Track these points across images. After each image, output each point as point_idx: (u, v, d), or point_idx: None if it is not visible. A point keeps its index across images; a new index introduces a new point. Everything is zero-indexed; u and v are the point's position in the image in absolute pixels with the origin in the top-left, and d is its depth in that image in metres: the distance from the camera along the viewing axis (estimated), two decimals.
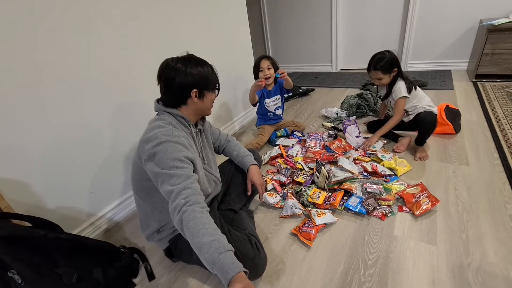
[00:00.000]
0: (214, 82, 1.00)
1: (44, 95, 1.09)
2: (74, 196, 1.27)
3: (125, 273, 1.08)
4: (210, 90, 0.99)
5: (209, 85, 0.98)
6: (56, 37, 1.09)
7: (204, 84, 0.96)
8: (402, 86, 1.55)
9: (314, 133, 1.99)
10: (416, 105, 1.58)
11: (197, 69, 0.94)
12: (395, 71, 1.54)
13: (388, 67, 1.53)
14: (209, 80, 0.98)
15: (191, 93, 0.94)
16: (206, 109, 1.03)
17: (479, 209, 1.18)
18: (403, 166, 1.48)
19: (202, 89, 0.96)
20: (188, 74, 0.92)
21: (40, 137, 1.10)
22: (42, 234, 0.84)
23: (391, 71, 1.55)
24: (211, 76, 0.98)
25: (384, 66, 1.52)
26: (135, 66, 1.42)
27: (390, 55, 1.53)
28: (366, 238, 1.12)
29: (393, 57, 1.53)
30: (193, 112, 1.01)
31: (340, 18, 3.45)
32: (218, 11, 1.96)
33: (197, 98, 0.96)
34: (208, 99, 1.00)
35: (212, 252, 0.76)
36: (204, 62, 0.98)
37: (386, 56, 1.53)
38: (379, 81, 1.60)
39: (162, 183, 0.87)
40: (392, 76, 1.57)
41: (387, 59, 1.52)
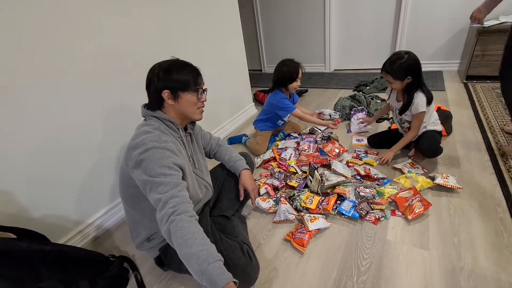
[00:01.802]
0: (191, 83, 0.94)
1: (29, 100, 1.05)
2: (61, 204, 1.23)
3: (114, 283, 1.05)
4: (185, 91, 0.94)
5: (184, 86, 0.93)
6: (42, 40, 1.05)
7: (176, 85, 0.92)
8: (423, 100, 1.37)
9: (307, 136, 1.98)
10: (425, 122, 1.46)
11: (170, 71, 0.91)
12: (409, 79, 1.36)
13: (400, 74, 1.34)
14: (183, 81, 0.92)
15: (163, 95, 0.92)
16: (187, 112, 0.97)
17: (471, 212, 1.18)
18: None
19: (176, 90, 0.92)
20: (160, 77, 0.91)
21: (24, 143, 1.07)
22: (24, 247, 0.80)
23: (404, 78, 1.36)
24: (186, 77, 0.93)
25: (397, 71, 1.34)
26: (123, 70, 1.39)
27: (408, 59, 1.32)
28: (359, 244, 1.12)
29: (410, 63, 1.32)
30: (176, 116, 0.97)
31: (333, 19, 3.45)
32: (210, 12, 1.93)
33: (171, 100, 0.93)
34: (184, 101, 0.94)
35: (201, 262, 0.74)
36: (183, 64, 0.95)
37: (402, 60, 1.32)
38: (390, 84, 1.44)
39: (150, 191, 0.84)
40: (406, 83, 1.38)
41: (402, 64, 1.32)
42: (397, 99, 1.53)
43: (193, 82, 0.94)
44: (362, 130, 1.98)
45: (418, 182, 1.34)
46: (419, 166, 1.49)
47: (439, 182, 1.29)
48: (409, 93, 1.41)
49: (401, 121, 1.55)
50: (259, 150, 1.89)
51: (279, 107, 1.84)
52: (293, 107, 1.84)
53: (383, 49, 3.37)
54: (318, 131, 2.03)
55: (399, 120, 1.56)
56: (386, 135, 1.77)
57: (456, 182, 1.31)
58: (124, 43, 1.37)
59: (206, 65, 1.93)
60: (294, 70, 1.76)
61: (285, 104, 1.82)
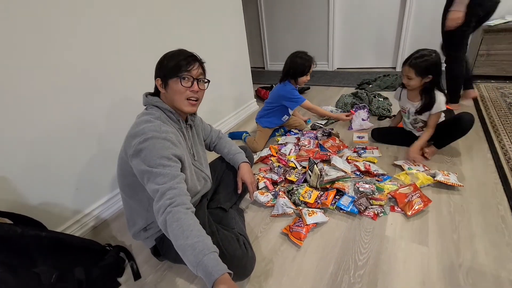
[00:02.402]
0: (177, 69, 0.89)
1: (31, 89, 1.05)
2: (60, 193, 1.23)
3: (110, 273, 1.05)
4: (172, 77, 0.90)
5: (171, 72, 0.89)
6: (44, 30, 1.05)
7: (165, 72, 0.91)
8: (443, 100, 1.38)
9: (308, 131, 1.97)
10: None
11: (164, 59, 0.92)
12: (429, 77, 1.35)
13: (423, 70, 1.33)
14: (171, 67, 0.89)
15: (156, 82, 0.94)
16: (175, 101, 0.93)
17: (471, 209, 1.17)
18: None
19: (165, 77, 0.92)
20: (157, 64, 0.93)
21: (26, 131, 1.07)
22: (19, 232, 0.80)
23: (425, 76, 1.35)
24: (174, 63, 0.89)
25: (421, 67, 1.32)
26: (125, 62, 1.38)
27: (434, 58, 1.31)
28: (357, 238, 1.10)
29: (435, 61, 1.31)
30: (170, 106, 0.96)
31: (337, 17, 3.43)
32: (213, 7, 1.92)
33: (162, 88, 0.94)
34: (171, 88, 0.91)
35: (196, 254, 0.73)
36: (179, 52, 0.94)
37: (429, 57, 1.31)
38: (407, 81, 1.40)
39: (148, 181, 0.84)
40: (423, 82, 1.37)
41: (430, 62, 1.31)
42: (410, 99, 1.50)
43: (178, 69, 0.90)
44: (363, 127, 1.97)
45: (419, 179, 1.32)
46: (420, 164, 1.47)
47: (440, 179, 1.28)
48: (428, 93, 1.40)
49: (415, 121, 1.53)
50: (256, 147, 1.87)
51: (289, 98, 1.81)
52: (303, 98, 1.82)
53: (387, 49, 3.35)
54: (319, 127, 2.02)
55: (413, 121, 1.54)
56: (391, 131, 1.76)
57: (457, 179, 1.30)
58: (126, 36, 1.36)
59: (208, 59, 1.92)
60: (307, 64, 1.75)
61: (295, 95, 1.80)
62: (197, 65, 0.94)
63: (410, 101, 1.51)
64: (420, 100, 1.45)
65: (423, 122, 1.51)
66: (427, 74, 1.34)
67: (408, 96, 1.52)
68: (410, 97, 1.51)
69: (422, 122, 1.52)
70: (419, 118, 1.51)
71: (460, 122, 1.42)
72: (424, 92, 1.42)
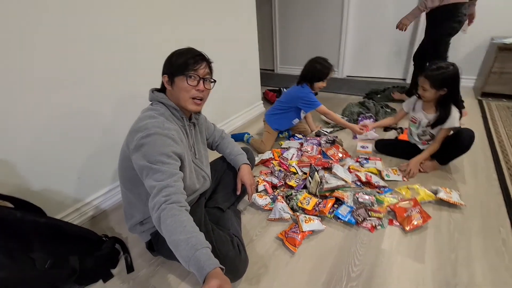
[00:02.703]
0: (185, 67, 0.90)
1: (39, 77, 1.07)
2: (62, 180, 1.25)
3: (104, 263, 1.06)
4: (178, 75, 0.91)
5: (178, 70, 0.90)
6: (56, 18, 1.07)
7: (172, 70, 0.92)
8: (457, 116, 1.37)
9: (312, 137, 1.96)
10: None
11: (172, 56, 0.93)
12: (444, 90, 1.33)
13: (439, 83, 1.31)
14: (179, 65, 0.90)
15: (163, 79, 0.95)
16: (180, 99, 0.94)
17: (472, 229, 1.15)
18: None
19: (172, 75, 0.93)
20: (166, 61, 0.94)
21: (33, 118, 1.09)
22: (18, 217, 0.82)
23: (440, 89, 1.33)
24: (183, 61, 0.90)
25: (436, 78, 1.30)
26: (136, 58, 1.41)
27: (451, 71, 1.29)
28: (352, 249, 1.09)
29: (452, 74, 1.29)
30: (175, 103, 0.97)
31: (350, 24, 3.41)
32: (226, 7, 1.93)
33: (168, 85, 0.94)
34: (177, 86, 0.92)
35: (189, 248, 0.74)
36: (187, 50, 0.94)
37: (445, 70, 1.29)
38: (422, 91, 1.39)
39: (146, 177, 0.85)
40: (439, 95, 1.35)
41: (445, 73, 1.29)
42: (425, 110, 1.48)
43: (185, 67, 0.90)
44: (368, 137, 1.95)
45: (419, 194, 1.30)
46: (399, 174, 1.50)
47: (442, 196, 1.26)
48: (444, 107, 1.38)
49: (423, 133, 1.51)
50: (263, 148, 1.88)
51: (305, 101, 1.81)
52: (319, 103, 1.81)
53: (398, 60, 3.32)
54: (324, 133, 2.01)
55: (421, 132, 1.52)
56: (396, 143, 1.74)
57: (460, 198, 1.28)
58: (137, 32, 1.38)
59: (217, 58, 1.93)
60: (326, 71, 1.76)
61: (312, 99, 1.80)
62: (205, 65, 0.95)
63: (423, 112, 1.49)
64: (435, 112, 1.43)
65: (430, 136, 1.50)
66: (442, 87, 1.32)
67: (423, 107, 1.50)
68: (425, 108, 1.49)
69: (430, 136, 1.50)
70: (428, 130, 1.49)
71: (459, 138, 1.39)
72: (439, 105, 1.40)
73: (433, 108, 1.44)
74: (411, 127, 1.60)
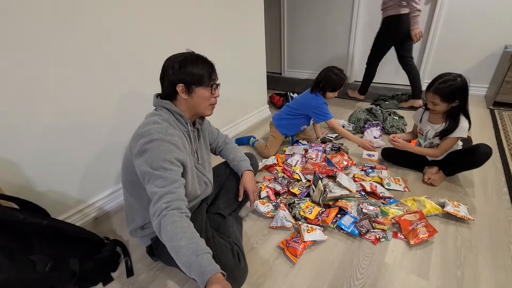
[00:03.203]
0: (205, 78, 0.93)
1: (49, 79, 1.09)
2: (66, 182, 1.26)
3: (104, 266, 1.07)
4: (199, 85, 0.93)
5: (199, 80, 0.92)
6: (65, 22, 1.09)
7: (191, 80, 0.92)
8: (466, 127, 1.33)
9: (317, 144, 1.94)
10: (455, 146, 1.43)
11: (186, 65, 0.91)
12: (456, 102, 1.31)
13: (450, 96, 1.28)
14: (198, 75, 0.92)
15: (177, 88, 0.92)
16: (199, 107, 0.97)
17: (480, 246, 1.11)
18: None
19: (190, 85, 0.92)
20: (175, 69, 0.91)
21: (40, 119, 1.11)
22: (21, 218, 0.83)
23: (452, 102, 1.30)
24: (201, 71, 0.92)
25: (446, 93, 1.27)
26: (142, 61, 1.41)
27: (459, 82, 1.26)
28: (354, 262, 1.07)
29: (461, 85, 1.26)
30: (187, 110, 0.97)
31: (359, 29, 3.38)
32: (234, 8, 1.93)
33: (184, 94, 0.93)
34: (197, 95, 0.94)
35: (189, 254, 0.73)
36: (199, 58, 0.94)
37: (454, 82, 1.26)
38: (432, 106, 1.35)
39: (148, 182, 0.85)
40: (450, 107, 1.33)
41: (453, 86, 1.26)
42: (432, 121, 1.45)
43: (207, 77, 0.94)
44: (374, 145, 1.92)
45: (426, 207, 1.27)
46: (401, 184, 1.48)
47: (449, 210, 1.22)
48: (454, 117, 1.35)
49: (430, 145, 1.49)
50: (267, 153, 1.87)
51: (318, 112, 1.80)
52: (331, 116, 1.81)
53: None
54: (329, 140, 1.99)
55: (428, 144, 1.49)
56: (402, 152, 1.69)
57: (468, 212, 1.24)
58: (144, 34, 1.39)
59: (223, 60, 1.96)
60: (340, 82, 1.75)
61: (325, 111, 1.79)
62: (215, 72, 0.98)
63: (430, 124, 1.46)
64: (443, 123, 1.40)
65: (437, 146, 1.46)
66: (454, 99, 1.30)
67: (429, 119, 1.47)
68: (432, 120, 1.46)
69: (436, 146, 1.47)
70: (435, 142, 1.46)
71: (475, 153, 1.36)
72: (449, 116, 1.37)
73: (441, 119, 1.41)
74: (419, 139, 1.57)
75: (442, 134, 1.40)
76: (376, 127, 2.01)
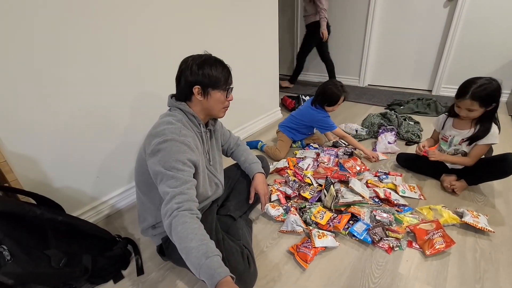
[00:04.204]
0: (222, 81, 0.94)
1: (68, 79, 1.12)
2: (81, 179, 1.29)
3: (115, 264, 1.08)
4: (215, 88, 0.94)
5: (215, 83, 0.93)
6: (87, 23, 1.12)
7: (208, 82, 0.92)
8: (497, 133, 1.28)
9: (329, 148, 1.91)
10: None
11: (204, 67, 0.91)
12: (492, 106, 1.24)
13: (488, 100, 1.22)
14: (215, 78, 0.93)
15: (193, 89, 0.93)
16: (213, 109, 0.98)
17: (501, 259, 1.06)
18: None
19: (206, 87, 0.93)
20: (193, 70, 0.91)
21: (58, 117, 1.13)
22: (38, 214, 0.85)
23: (490, 106, 1.24)
24: (218, 75, 0.93)
25: (486, 97, 1.21)
26: (159, 60, 1.44)
27: (495, 84, 1.21)
28: (367, 271, 1.04)
29: (497, 88, 1.21)
30: (201, 110, 0.98)
31: (374, 32, 3.33)
32: (248, 11, 1.94)
33: (200, 96, 0.94)
34: (213, 98, 0.95)
35: (200, 256, 0.74)
36: (216, 61, 0.95)
37: (491, 85, 1.20)
38: (467, 113, 1.27)
39: (160, 182, 0.86)
40: (484, 111, 1.26)
41: (492, 90, 1.20)
42: (458, 127, 1.39)
43: (224, 81, 0.95)
44: (388, 150, 1.88)
45: (443, 216, 1.22)
46: (416, 191, 1.43)
47: (468, 220, 1.18)
48: (485, 123, 1.30)
49: (455, 151, 1.42)
50: (278, 155, 1.86)
51: (322, 125, 1.84)
52: (335, 126, 1.81)
53: (424, 70, 3.19)
54: (341, 145, 1.95)
55: (453, 151, 1.43)
56: (419, 158, 1.63)
57: (488, 223, 1.19)
58: (160, 37, 1.41)
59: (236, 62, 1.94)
60: (338, 98, 1.75)
61: (329, 123, 1.81)
62: (231, 76, 0.99)
63: (456, 129, 1.40)
64: (471, 128, 1.34)
65: (463, 154, 1.40)
66: (492, 103, 1.24)
67: (454, 124, 1.41)
68: (458, 125, 1.39)
69: (462, 154, 1.41)
70: (461, 148, 1.40)
71: (503, 163, 1.28)
72: (480, 121, 1.31)
73: (469, 124, 1.35)
74: (442, 146, 1.51)
75: (472, 140, 1.34)
76: (391, 132, 1.97)
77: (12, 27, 0.95)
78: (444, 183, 1.48)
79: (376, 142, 1.97)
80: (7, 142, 1.02)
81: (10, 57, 0.96)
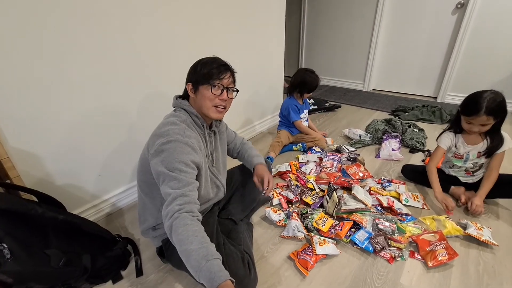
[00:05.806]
0: (210, 77, 0.91)
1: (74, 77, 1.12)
2: (83, 177, 1.29)
3: (114, 264, 1.07)
4: (203, 84, 0.92)
5: (204, 79, 0.91)
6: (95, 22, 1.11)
7: (197, 78, 0.93)
8: (508, 135, 1.30)
9: (332, 153, 1.90)
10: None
11: (198, 65, 0.93)
12: (501, 116, 1.26)
13: (501, 112, 1.22)
14: (204, 74, 0.91)
15: (187, 87, 0.96)
16: (202, 107, 0.94)
17: (504, 273, 1.04)
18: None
19: (196, 83, 0.93)
20: (190, 68, 0.95)
21: (63, 115, 1.13)
22: (40, 212, 0.84)
23: (500, 117, 1.25)
24: (208, 71, 0.91)
25: (498, 110, 1.21)
26: (165, 62, 1.43)
27: (501, 95, 1.22)
28: (368, 280, 1.03)
29: (503, 98, 1.22)
30: (197, 109, 0.97)
31: (381, 36, 3.30)
32: (255, 14, 1.93)
33: (192, 93, 0.95)
34: (201, 95, 0.92)
35: (199, 259, 0.73)
36: (212, 60, 0.95)
37: (499, 97, 1.21)
38: (480, 128, 1.26)
39: (162, 183, 0.85)
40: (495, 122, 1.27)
41: (501, 101, 1.20)
42: (470, 143, 1.36)
43: (210, 76, 0.91)
44: (392, 157, 1.86)
45: (446, 228, 1.21)
46: (420, 200, 1.42)
47: (471, 233, 1.16)
48: (495, 132, 1.30)
49: (474, 165, 1.39)
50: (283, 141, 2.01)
51: (288, 112, 2.01)
52: (295, 118, 2.00)
53: (429, 77, 3.17)
54: (345, 150, 1.94)
55: (472, 165, 1.39)
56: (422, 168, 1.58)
57: (492, 236, 1.17)
58: (167, 37, 1.41)
59: (242, 63, 1.95)
60: (315, 84, 1.93)
61: (290, 112, 2.00)
62: (229, 75, 0.96)
63: (468, 145, 1.37)
64: (483, 140, 1.33)
65: (479, 166, 1.38)
66: (503, 115, 1.24)
67: (466, 141, 1.38)
68: (470, 141, 1.37)
69: (479, 166, 1.38)
70: (481, 161, 1.37)
71: None
72: (490, 132, 1.30)
73: (479, 137, 1.34)
74: (455, 163, 1.44)
75: (490, 151, 1.32)
76: (395, 139, 1.95)
77: (22, 25, 0.95)
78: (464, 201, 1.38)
79: (380, 148, 1.95)
80: (10, 138, 1.02)
81: (17, 54, 0.96)
